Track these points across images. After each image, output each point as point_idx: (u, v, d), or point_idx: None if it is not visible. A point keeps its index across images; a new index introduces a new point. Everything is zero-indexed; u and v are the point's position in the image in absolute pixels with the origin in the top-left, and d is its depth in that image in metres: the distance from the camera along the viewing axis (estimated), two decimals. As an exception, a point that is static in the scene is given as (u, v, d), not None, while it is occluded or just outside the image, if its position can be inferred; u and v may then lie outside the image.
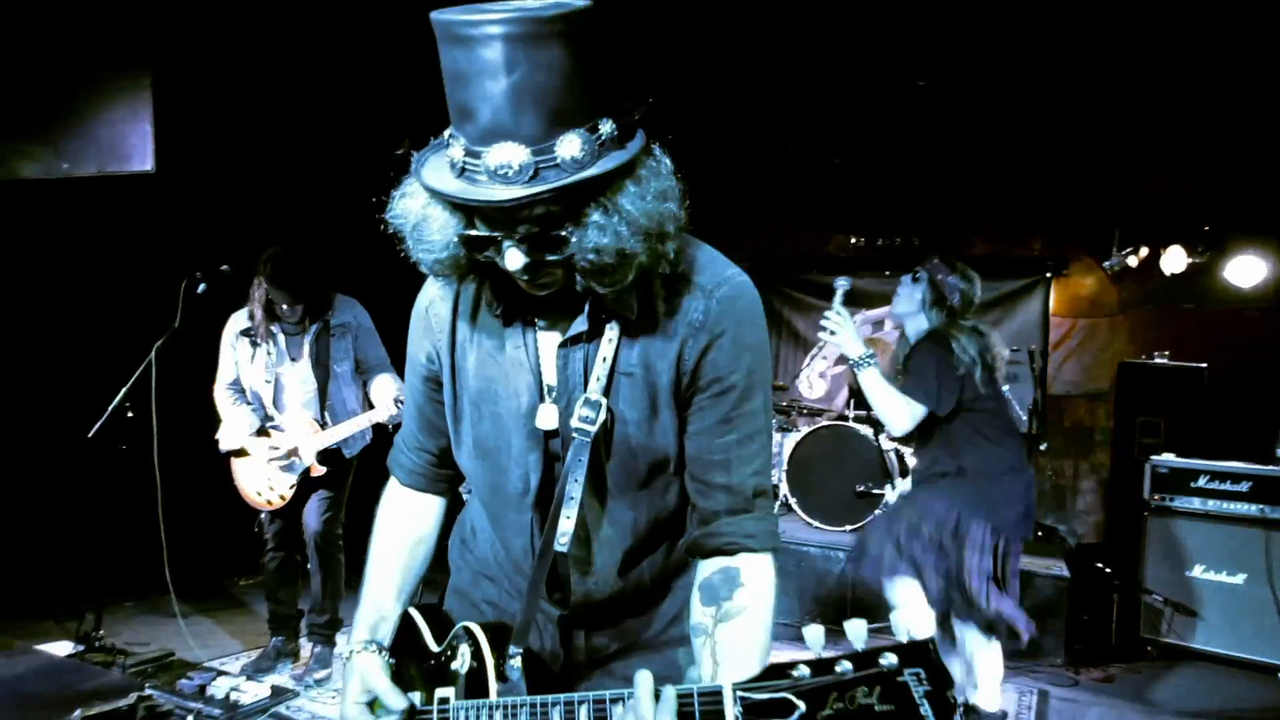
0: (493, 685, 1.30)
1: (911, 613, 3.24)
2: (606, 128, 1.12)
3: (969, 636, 3.34)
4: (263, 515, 4.07)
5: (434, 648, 1.45)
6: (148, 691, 3.04)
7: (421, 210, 1.20)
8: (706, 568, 1.30)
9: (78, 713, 2.74)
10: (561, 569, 1.38)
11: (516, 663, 1.31)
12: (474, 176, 1.11)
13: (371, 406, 3.99)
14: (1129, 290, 6.43)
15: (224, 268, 4.06)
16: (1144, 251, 6.06)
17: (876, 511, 3.49)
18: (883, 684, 0.86)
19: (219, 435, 4.03)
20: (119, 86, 4.11)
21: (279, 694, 3.71)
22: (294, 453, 3.91)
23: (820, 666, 0.89)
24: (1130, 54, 4.76)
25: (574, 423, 1.27)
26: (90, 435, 3.97)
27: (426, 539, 1.57)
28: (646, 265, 1.18)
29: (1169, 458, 5.06)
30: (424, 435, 1.53)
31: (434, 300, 1.43)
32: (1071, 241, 6.60)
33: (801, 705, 0.88)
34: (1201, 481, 4.90)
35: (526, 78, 1.05)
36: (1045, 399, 6.71)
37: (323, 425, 3.94)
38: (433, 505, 1.59)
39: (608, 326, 1.28)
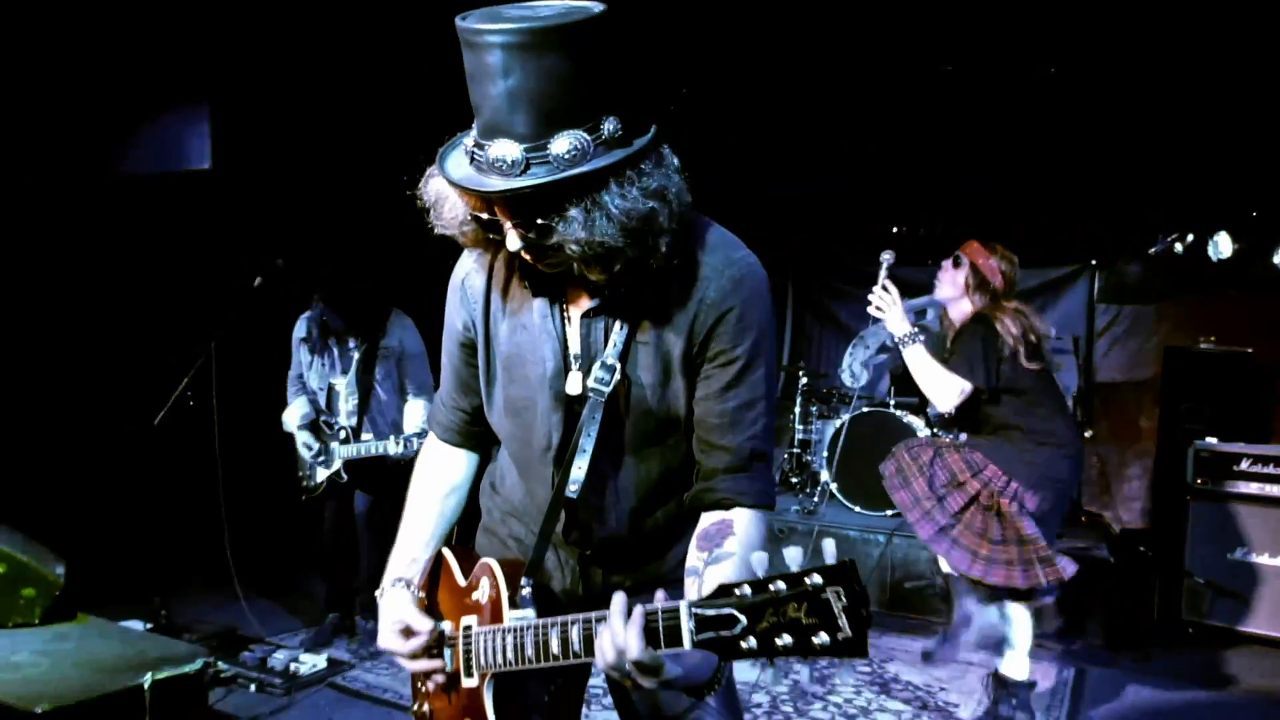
0: (506, 612, 1.44)
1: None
2: (609, 126, 1.23)
3: (1003, 605, 3.39)
4: (309, 496, 4.32)
5: (462, 582, 1.59)
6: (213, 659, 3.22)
7: (440, 190, 1.35)
8: (705, 519, 1.42)
9: (149, 675, 2.92)
10: (583, 514, 1.50)
11: (527, 592, 1.45)
12: (479, 165, 1.24)
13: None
14: (1175, 277, 6.36)
15: (278, 261, 4.27)
16: (1190, 238, 6.00)
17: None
18: (809, 600, 1.00)
19: (283, 416, 4.36)
20: (178, 89, 4.33)
21: (335, 665, 3.90)
22: (327, 453, 4.18)
23: (760, 586, 1.03)
24: (1177, 34, 4.71)
25: (590, 383, 1.41)
26: (155, 423, 4.19)
27: (458, 489, 1.72)
28: (633, 257, 1.28)
29: (1212, 442, 5.03)
30: (459, 395, 1.66)
31: (470, 273, 1.56)
32: (1117, 228, 6.54)
33: (743, 619, 1.02)
34: (1244, 465, 4.86)
35: (521, 83, 1.17)
36: (1090, 386, 6.69)
37: (357, 437, 4.19)
38: (465, 459, 1.73)
39: (627, 300, 1.40)
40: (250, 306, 4.28)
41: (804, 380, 6.81)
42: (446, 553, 1.67)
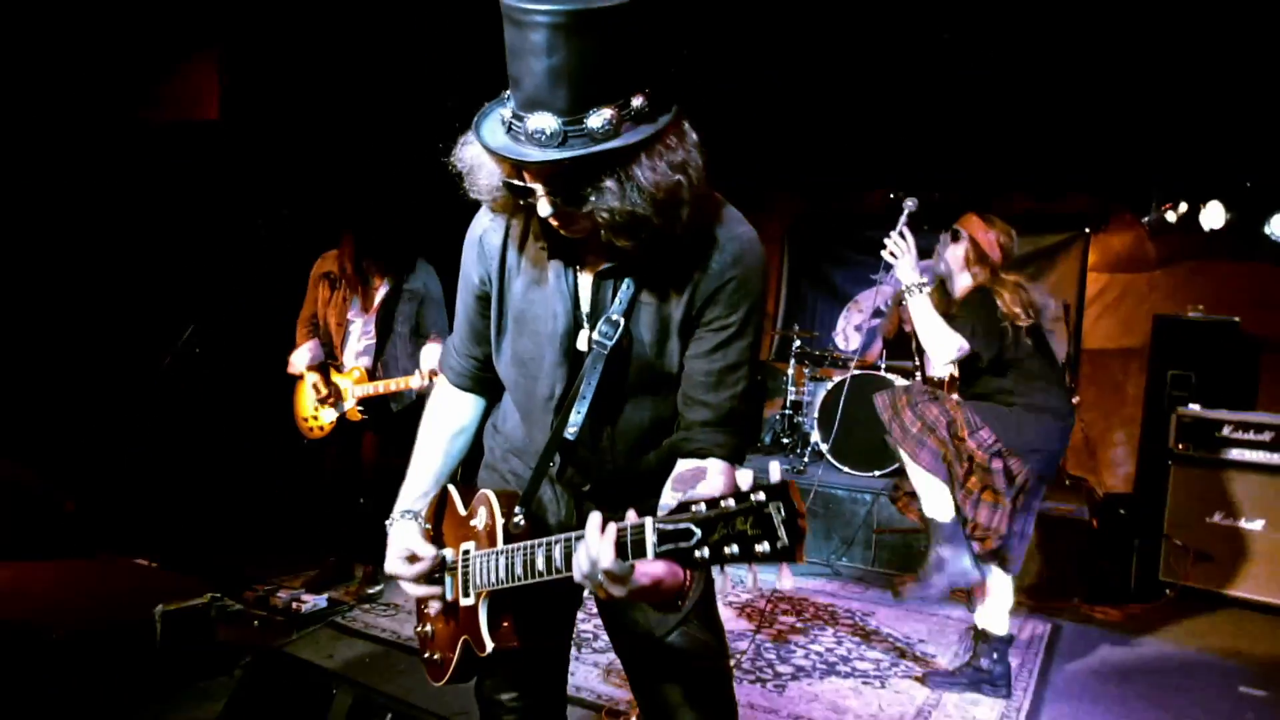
0: (499, 538, 1.57)
1: (933, 505, 3.39)
2: (638, 102, 1.31)
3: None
4: (313, 444, 4.38)
5: (463, 512, 1.71)
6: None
7: (476, 157, 1.43)
8: (681, 465, 1.54)
9: (159, 607, 3.05)
10: (579, 454, 1.61)
11: (519, 519, 1.57)
12: (516, 135, 1.33)
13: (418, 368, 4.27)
14: (1168, 246, 6.44)
15: (283, 211, 4.35)
16: (1183, 207, 6.06)
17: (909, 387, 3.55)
18: (754, 514, 1.12)
19: (290, 358, 4.38)
20: (190, 41, 4.38)
21: (335, 605, 4.04)
22: (338, 394, 4.23)
23: (713, 504, 1.16)
24: (1169, 2, 4.75)
25: (594, 336, 1.52)
26: (163, 365, 4.30)
27: (465, 431, 1.84)
28: (658, 226, 1.37)
29: (1194, 408, 5.15)
30: (471, 344, 1.77)
31: (487, 230, 1.65)
32: (1110, 197, 6.60)
33: (699, 531, 1.15)
34: (1226, 431, 4.98)
35: (564, 60, 1.25)
36: (1079, 353, 6.78)
37: (372, 376, 4.23)
38: (473, 403, 1.84)
39: (637, 265, 1.50)
40: (257, 254, 4.36)
41: (797, 343, 6.91)
42: (450, 488, 1.79)
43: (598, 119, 1.28)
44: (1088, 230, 6.73)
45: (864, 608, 4.68)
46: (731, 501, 1.14)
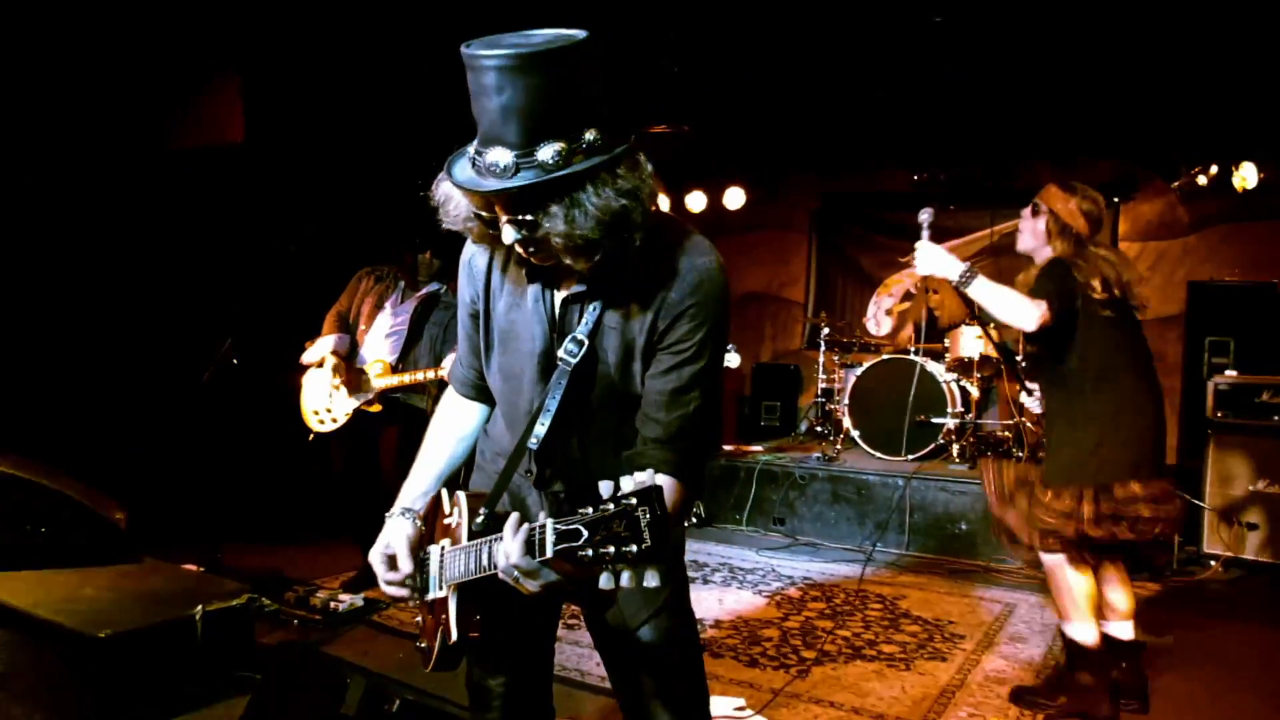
0: (463, 535, 1.68)
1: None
2: (589, 135, 1.42)
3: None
4: (316, 438, 4.44)
5: (447, 512, 1.82)
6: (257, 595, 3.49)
7: (448, 192, 1.56)
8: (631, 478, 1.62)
9: (199, 607, 3.20)
10: (547, 462, 1.73)
11: (481, 518, 1.68)
12: (479, 170, 1.45)
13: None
14: (1200, 210, 6.29)
15: (308, 229, 4.51)
16: (1214, 169, 5.92)
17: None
18: (626, 518, 1.23)
19: (307, 347, 4.45)
20: (212, 68, 4.56)
21: (371, 604, 4.18)
22: (361, 381, 4.30)
23: (599, 506, 1.27)
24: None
25: (560, 354, 1.63)
26: (203, 380, 4.47)
27: (467, 436, 1.96)
28: (610, 249, 1.48)
29: (1231, 375, 5.04)
30: (471, 356, 1.90)
31: (474, 254, 1.79)
32: (1138, 163, 6.46)
33: (586, 533, 1.26)
34: (1264, 397, 4.87)
35: (512, 99, 1.37)
36: (1115, 325, 6.65)
37: (394, 370, 4.33)
38: (477, 411, 1.96)
39: (604, 289, 1.61)
40: (287, 270, 4.52)
41: (826, 330, 6.90)
42: (443, 491, 1.90)
43: (548, 151, 1.39)
44: (1116, 199, 6.60)
45: (895, 592, 4.68)
46: (611, 506, 1.25)
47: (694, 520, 6.02)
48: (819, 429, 7.02)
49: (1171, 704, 3.29)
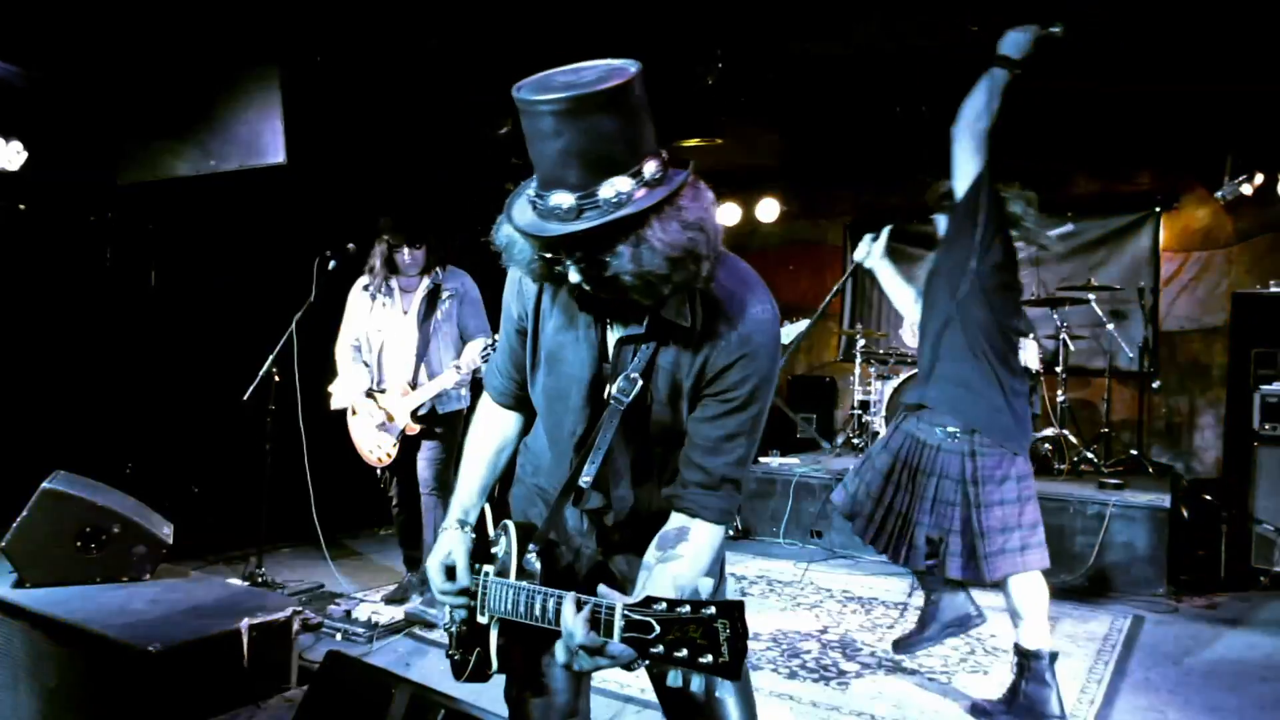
0: (513, 571, 1.69)
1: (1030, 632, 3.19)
2: (650, 168, 1.40)
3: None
4: (381, 472, 4.51)
5: (491, 533, 1.84)
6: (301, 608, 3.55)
7: (509, 235, 1.54)
8: (671, 521, 1.64)
9: (245, 621, 3.26)
10: (603, 494, 1.73)
11: (533, 557, 1.68)
12: (540, 213, 1.44)
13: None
14: (1245, 219, 6.17)
15: (350, 246, 4.57)
16: (1259, 178, 5.82)
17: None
18: (704, 626, 1.23)
19: (331, 389, 4.47)
20: (252, 86, 4.64)
21: (412, 618, 4.21)
22: (390, 417, 4.32)
23: (672, 605, 1.26)
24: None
25: (614, 392, 1.63)
26: (245, 398, 4.56)
27: (507, 446, 1.97)
28: (679, 283, 1.47)
29: (1278, 386, 4.93)
30: (510, 366, 1.90)
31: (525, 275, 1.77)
32: (1181, 173, 6.36)
33: (658, 628, 1.25)
34: (1312, 408, 4.77)
35: (571, 142, 1.36)
36: (1157, 336, 6.56)
37: (413, 386, 4.32)
38: (515, 420, 1.97)
39: (658, 329, 1.61)
40: (326, 288, 4.58)
41: (862, 342, 6.87)
42: (487, 510, 1.91)
43: (609, 189, 1.37)
44: (1158, 209, 6.51)
45: (935, 605, 4.63)
46: (687, 609, 1.24)
47: (731, 533, 6.00)
48: (855, 441, 6.98)
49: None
